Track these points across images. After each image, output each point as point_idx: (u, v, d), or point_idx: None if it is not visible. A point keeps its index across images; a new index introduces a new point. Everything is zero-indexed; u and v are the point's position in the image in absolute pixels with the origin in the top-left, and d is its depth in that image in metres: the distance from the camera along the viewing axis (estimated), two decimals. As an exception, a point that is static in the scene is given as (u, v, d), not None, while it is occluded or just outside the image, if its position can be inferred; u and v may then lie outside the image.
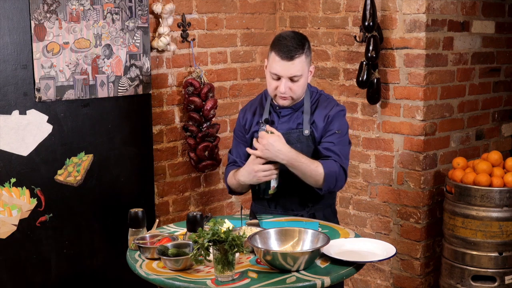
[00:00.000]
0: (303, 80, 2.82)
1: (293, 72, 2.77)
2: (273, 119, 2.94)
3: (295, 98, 2.86)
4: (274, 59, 2.78)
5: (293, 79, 2.79)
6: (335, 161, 2.79)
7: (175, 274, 2.26)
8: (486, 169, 3.63)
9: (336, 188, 2.84)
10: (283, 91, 2.80)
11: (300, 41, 2.80)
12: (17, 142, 3.12)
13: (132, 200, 3.48)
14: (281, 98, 2.85)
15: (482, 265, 3.59)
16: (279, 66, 2.77)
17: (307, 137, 2.87)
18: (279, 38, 2.82)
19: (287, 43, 2.77)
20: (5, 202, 3.10)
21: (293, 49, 2.75)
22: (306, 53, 2.80)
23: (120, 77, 3.44)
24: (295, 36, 2.81)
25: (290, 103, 2.88)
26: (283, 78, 2.79)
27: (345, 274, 2.28)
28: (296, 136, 2.87)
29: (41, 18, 3.12)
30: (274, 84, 2.82)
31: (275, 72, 2.79)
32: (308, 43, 2.85)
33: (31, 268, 3.22)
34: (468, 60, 4.01)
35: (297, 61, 2.76)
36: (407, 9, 3.75)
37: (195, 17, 3.93)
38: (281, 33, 2.87)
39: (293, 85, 2.80)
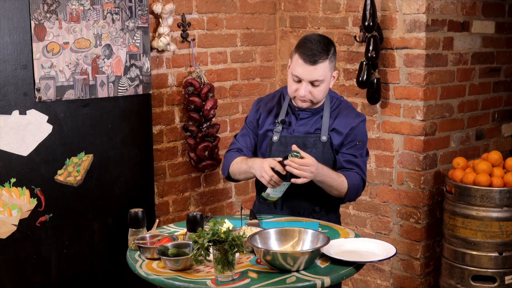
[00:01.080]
0: (325, 85, 2.78)
1: (315, 76, 2.73)
2: (291, 120, 2.90)
3: (314, 102, 2.82)
4: (297, 61, 2.74)
5: (314, 84, 2.75)
6: (357, 173, 2.83)
7: (175, 274, 2.26)
8: (486, 169, 3.63)
9: (355, 199, 2.89)
10: (302, 95, 2.76)
11: (326, 46, 2.75)
12: (17, 142, 3.12)
13: (132, 200, 3.48)
14: (301, 101, 2.81)
15: (482, 265, 3.59)
16: (301, 69, 2.73)
17: (324, 143, 2.85)
18: (304, 41, 2.77)
19: (312, 46, 2.72)
20: (5, 202, 3.10)
21: (317, 53, 2.71)
22: (330, 58, 2.75)
23: (120, 77, 3.44)
24: (321, 40, 2.76)
25: (309, 106, 2.84)
26: (304, 82, 2.75)
27: (345, 274, 2.28)
28: (312, 141, 2.85)
29: (41, 18, 3.12)
30: (295, 86, 2.79)
31: (297, 74, 2.75)
32: (334, 48, 2.80)
33: (31, 268, 3.22)
34: (468, 60, 4.01)
35: (320, 66, 2.72)
36: (407, 9, 3.75)
37: (195, 17, 3.93)
38: (308, 36, 2.82)
39: (314, 89, 2.76)
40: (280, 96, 2.99)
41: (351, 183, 2.79)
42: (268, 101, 3.01)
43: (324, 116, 2.87)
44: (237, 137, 3.07)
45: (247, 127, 3.03)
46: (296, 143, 2.82)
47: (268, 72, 4.42)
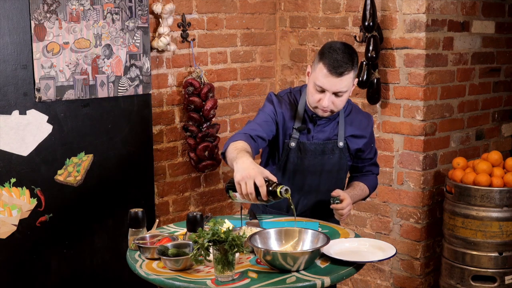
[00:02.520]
0: (347, 95, 2.73)
1: (339, 88, 2.66)
2: (309, 126, 2.84)
3: (335, 111, 2.77)
4: (322, 71, 2.65)
5: (338, 94, 2.69)
6: (374, 173, 3.07)
7: (175, 274, 2.26)
8: (486, 169, 3.63)
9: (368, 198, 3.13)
10: (326, 105, 2.70)
11: (351, 56, 2.67)
12: (17, 142, 3.12)
13: (132, 200, 3.48)
14: (322, 110, 2.75)
15: (482, 265, 3.59)
16: (326, 80, 2.65)
17: (341, 149, 2.86)
18: (329, 50, 2.66)
19: (337, 57, 2.63)
20: (5, 202, 3.10)
21: (343, 64, 2.63)
22: (354, 69, 2.69)
23: (120, 77, 3.44)
24: (346, 50, 2.67)
25: (330, 115, 2.80)
26: (328, 92, 2.68)
27: (345, 274, 2.28)
28: (331, 147, 2.84)
29: (41, 18, 3.12)
30: (317, 96, 2.70)
31: (321, 85, 2.67)
32: (357, 57, 2.72)
33: (31, 268, 3.22)
34: (468, 60, 4.01)
35: (345, 77, 2.65)
36: (407, 9, 3.75)
37: (195, 17, 3.93)
38: (331, 44, 2.71)
39: (337, 99, 2.70)
40: (295, 101, 2.88)
41: (371, 186, 3.03)
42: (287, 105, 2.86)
43: (340, 122, 2.86)
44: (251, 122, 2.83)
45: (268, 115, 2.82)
46: (315, 149, 2.83)
47: (268, 72, 4.42)
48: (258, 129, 2.75)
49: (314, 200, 2.92)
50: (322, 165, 2.86)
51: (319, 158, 2.85)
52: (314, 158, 2.85)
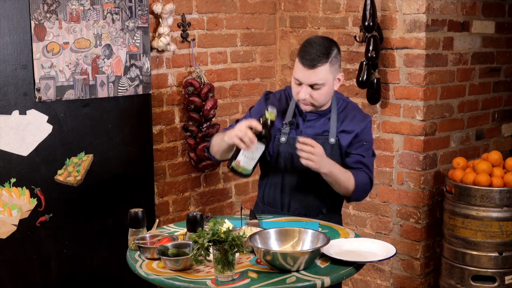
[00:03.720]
0: (326, 88, 2.75)
1: (314, 80, 2.71)
2: (298, 121, 2.88)
3: (316, 105, 2.79)
4: (297, 65, 2.73)
5: (314, 87, 2.73)
6: (366, 173, 2.84)
7: (175, 274, 2.26)
8: (486, 169, 3.63)
9: (361, 199, 2.89)
10: (302, 97, 2.75)
11: (326, 49, 2.71)
12: (17, 142, 3.12)
13: (132, 200, 3.48)
14: (302, 103, 2.80)
15: (482, 265, 3.59)
16: (300, 73, 2.72)
17: (332, 146, 2.83)
18: (305, 44, 2.74)
19: (311, 50, 2.69)
20: (5, 202, 3.10)
21: (316, 57, 2.68)
22: (331, 61, 2.71)
23: (120, 77, 3.44)
24: (322, 43, 2.72)
25: (312, 109, 2.82)
26: (304, 85, 2.74)
27: (345, 274, 2.28)
28: (321, 142, 2.80)
29: (41, 18, 3.12)
30: (296, 89, 2.77)
31: (297, 78, 2.74)
32: (337, 50, 2.76)
33: (31, 268, 3.22)
34: (468, 60, 4.01)
35: (319, 69, 2.69)
36: (407, 9, 3.75)
37: (195, 17, 3.93)
38: (309, 38, 2.79)
39: (314, 92, 2.74)
40: (286, 97, 2.96)
41: (358, 180, 2.79)
42: (276, 101, 2.96)
43: (331, 119, 2.86)
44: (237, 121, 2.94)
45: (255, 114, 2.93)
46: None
47: (268, 72, 4.42)
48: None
49: (308, 197, 2.91)
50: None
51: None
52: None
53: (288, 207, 2.93)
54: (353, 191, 2.80)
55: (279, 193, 2.93)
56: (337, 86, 2.82)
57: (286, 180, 2.90)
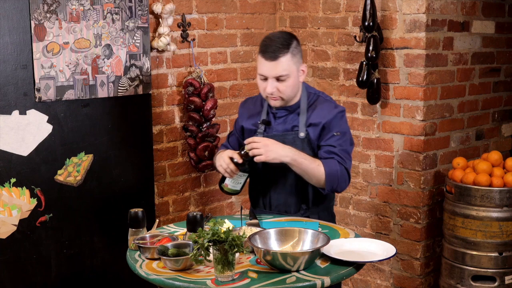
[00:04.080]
0: (292, 80, 2.79)
1: (278, 71, 2.75)
2: (270, 119, 2.94)
3: (285, 98, 2.83)
4: (260, 60, 2.79)
5: (280, 79, 2.77)
6: (337, 161, 2.80)
7: (175, 274, 2.26)
8: (486, 169, 3.63)
9: (338, 188, 2.82)
10: (269, 92, 2.79)
11: (286, 40, 2.77)
12: (17, 142, 3.12)
13: (132, 200, 3.48)
14: (271, 99, 2.84)
15: (482, 265, 3.59)
16: (264, 67, 2.77)
17: (303, 140, 2.85)
18: (264, 39, 2.83)
19: (271, 43, 2.76)
20: (5, 202, 3.10)
21: (277, 49, 2.73)
22: (292, 52, 2.77)
23: (120, 77, 3.44)
24: (281, 36, 2.80)
25: (282, 104, 2.86)
26: (270, 79, 2.77)
27: (345, 274, 2.28)
28: (291, 138, 2.85)
29: (41, 18, 3.12)
30: (263, 85, 2.83)
31: (261, 73, 2.79)
32: (297, 41, 2.82)
33: (31, 268, 3.22)
34: (468, 60, 4.01)
35: (281, 60, 2.74)
36: (407, 9, 3.75)
37: (195, 17, 3.93)
38: (268, 34, 2.88)
39: (280, 85, 2.78)
40: (261, 98, 3.01)
41: (328, 168, 2.76)
42: (251, 104, 3.07)
43: (300, 113, 2.87)
44: (229, 135, 3.20)
45: (235, 130, 3.12)
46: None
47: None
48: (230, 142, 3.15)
49: (286, 194, 2.92)
50: None
51: None
52: None
53: (270, 206, 2.94)
54: (325, 181, 2.76)
55: (260, 193, 2.98)
56: (302, 77, 2.86)
57: (265, 179, 2.95)
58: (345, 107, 4.13)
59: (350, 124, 4.12)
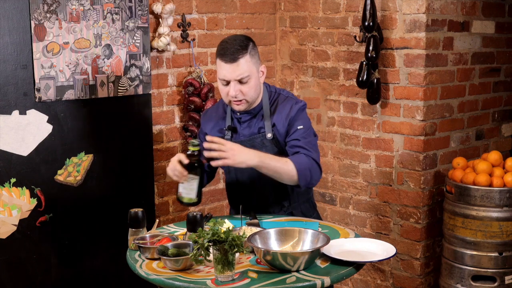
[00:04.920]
0: (253, 81, 2.77)
1: (239, 73, 2.73)
2: (235, 125, 2.91)
3: (249, 100, 2.79)
4: (220, 64, 2.75)
5: (242, 81, 2.74)
6: (305, 154, 2.75)
7: (175, 274, 2.26)
8: (486, 169, 3.63)
9: (313, 181, 2.76)
10: (233, 95, 2.75)
11: (242, 42, 2.76)
12: (17, 142, 3.12)
13: (132, 200, 3.48)
14: (235, 103, 2.79)
15: (482, 265, 3.59)
16: (224, 70, 2.73)
17: (271, 141, 2.83)
18: (221, 43, 2.79)
19: (228, 46, 2.74)
20: (5, 202, 3.10)
21: (235, 51, 2.71)
22: (250, 52, 2.75)
23: (120, 77, 3.44)
24: (237, 38, 2.78)
25: (246, 107, 2.82)
26: (232, 82, 2.74)
27: (345, 274, 2.28)
28: (259, 141, 2.84)
29: (41, 18, 3.12)
30: (225, 90, 2.78)
31: (222, 77, 2.75)
32: (253, 43, 2.80)
33: (31, 268, 3.22)
34: (468, 60, 4.00)
35: (241, 61, 2.72)
36: (407, 9, 3.75)
37: (195, 17, 3.93)
38: (224, 39, 2.83)
39: (243, 87, 2.75)
40: (223, 105, 2.97)
41: (297, 164, 2.70)
42: (213, 112, 3.01)
43: (264, 114, 2.86)
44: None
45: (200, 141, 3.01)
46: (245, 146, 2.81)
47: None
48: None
49: (264, 195, 2.91)
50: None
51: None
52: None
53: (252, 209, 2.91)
54: (297, 177, 2.71)
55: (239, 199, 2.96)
56: (262, 78, 2.85)
57: (241, 183, 2.92)
58: (345, 107, 4.15)
59: (350, 124, 4.13)
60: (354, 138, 4.11)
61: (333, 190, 4.28)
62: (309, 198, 3.02)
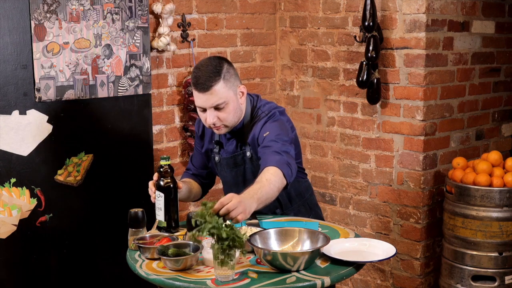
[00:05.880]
0: (231, 105, 2.68)
1: (214, 101, 2.64)
2: (222, 140, 2.88)
3: (228, 125, 2.73)
4: (194, 93, 2.68)
5: (218, 107, 2.66)
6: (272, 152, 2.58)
7: (175, 274, 2.26)
8: (486, 169, 3.63)
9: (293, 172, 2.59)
10: (211, 122, 2.68)
11: (215, 67, 2.65)
12: (17, 142, 3.12)
13: (132, 200, 3.48)
14: (215, 129, 2.74)
15: (482, 265, 3.59)
16: (199, 99, 2.67)
17: (250, 159, 2.80)
18: (194, 70, 2.70)
19: (199, 74, 2.64)
20: (5, 202, 3.10)
21: (207, 79, 2.62)
22: (224, 77, 2.65)
23: (120, 77, 3.44)
24: (210, 63, 2.67)
25: (227, 130, 2.76)
26: (208, 110, 2.67)
27: (345, 274, 2.28)
28: (240, 158, 2.82)
29: (41, 18, 3.12)
30: (203, 116, 2.72)
31: (198, 105, 2.69)
32: (228, 65, 2.69)
33: (31, 268, 3.22)
34: (468, 60, 4.00)
35: (215, 89, 2.63)
36: (407, 9, 3.75)
37: (195, 17, 3.93)
38: (197, 63, 2.73)
39: (220, 113, 2.67)
40: None
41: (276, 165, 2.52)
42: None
43: (245, 133, 2.80)
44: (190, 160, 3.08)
45: (196, 147, 3.03)
46: (228, 163, 2.84)
47: (268, 72, 4.42)
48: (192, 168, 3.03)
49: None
50: (242, 175, 2.84)
51: (235, 170, 2.85)
52: (231, 171, 2.86)
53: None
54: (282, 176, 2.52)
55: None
56: (242, 99, 2.75)
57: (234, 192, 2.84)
58: (345, 107, 4.15)
59: (350, 124, 4.13)
60: (354, 138, 4.11)
61: (333, 190, 4.28)
62: (304, 201, 2.99)
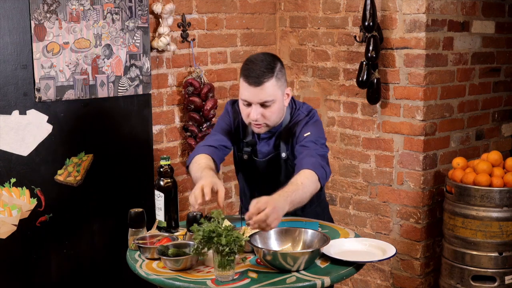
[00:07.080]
0: (277, 105, 2.64)
1: (263, 97, 2.59)
2: (255, 140, 2.82)
3: (270, 125, 2.69)
4: (243, 85, 2.62)
5: (265, 105, 2.61)
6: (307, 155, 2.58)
7: (175, 274, 2.26)
8: (486, 169, 3.63)
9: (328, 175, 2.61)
10: (254, 118, 2.63)
11: (270, 64, 2.61)
12: (17, 142, 3.12)
13: (132, 200, 3.48)
14: (255, 126, 2.69)
15: (482, 265, 3.59)
16: (247, 92, 2.60)
17: (285, 160, 2.77)
18: (247, 62, 2.64)
19: (254, 67, 2.59)
20: (5, 202, 3.10)
21: (261, 73, 2.57)
22: (277, 76, 2.61)
23: (120, 77, 3.44)
24: (265, 59, 2.62)
25: (266, 130, 2.72)
26: (254, 105, 2.61)
27: (345, 274, 2.28)
28: (275, 159, 2.78)
29: (41, 18, 3.12)
30: (246, 111, 2.65)
31: (245, 98, 2.62)
32: (281, 64, 2.66)
33: (31, 268, 3.22)
34: (468, 60, 4.01)
35: (266, 85, 2.58)
36: (407, 9, 3.75)
37: (195, 17, 3.93)
38: (250, 56, 2.69)
39: (266, 111, 2.63)
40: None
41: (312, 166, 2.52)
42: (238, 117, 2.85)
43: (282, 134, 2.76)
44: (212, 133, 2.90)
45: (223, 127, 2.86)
46: (260, 165, 2.80)
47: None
48: (221, 138, 2.82)
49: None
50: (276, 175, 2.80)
51: (266, 171, 2.82)
52: (263, 171, 2.83)
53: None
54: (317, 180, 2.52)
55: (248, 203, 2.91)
56: (287, 101, 2.72)
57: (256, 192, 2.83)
58: (345, 107, 4.15)
59: (350, 124, 4.13)
60: (354, 138, 4.11)
61: (333, 190, 4.28)
62: (321, 201, 2.96)
